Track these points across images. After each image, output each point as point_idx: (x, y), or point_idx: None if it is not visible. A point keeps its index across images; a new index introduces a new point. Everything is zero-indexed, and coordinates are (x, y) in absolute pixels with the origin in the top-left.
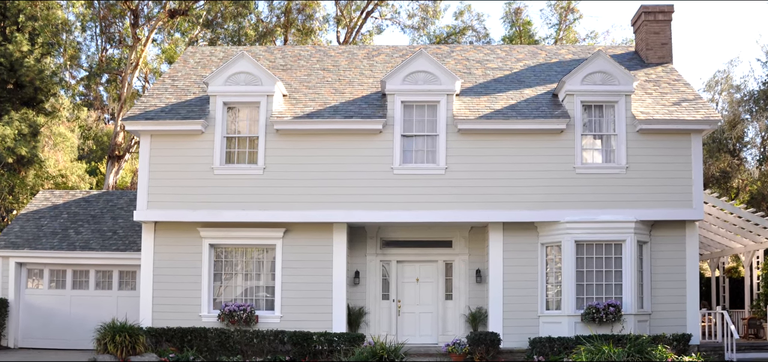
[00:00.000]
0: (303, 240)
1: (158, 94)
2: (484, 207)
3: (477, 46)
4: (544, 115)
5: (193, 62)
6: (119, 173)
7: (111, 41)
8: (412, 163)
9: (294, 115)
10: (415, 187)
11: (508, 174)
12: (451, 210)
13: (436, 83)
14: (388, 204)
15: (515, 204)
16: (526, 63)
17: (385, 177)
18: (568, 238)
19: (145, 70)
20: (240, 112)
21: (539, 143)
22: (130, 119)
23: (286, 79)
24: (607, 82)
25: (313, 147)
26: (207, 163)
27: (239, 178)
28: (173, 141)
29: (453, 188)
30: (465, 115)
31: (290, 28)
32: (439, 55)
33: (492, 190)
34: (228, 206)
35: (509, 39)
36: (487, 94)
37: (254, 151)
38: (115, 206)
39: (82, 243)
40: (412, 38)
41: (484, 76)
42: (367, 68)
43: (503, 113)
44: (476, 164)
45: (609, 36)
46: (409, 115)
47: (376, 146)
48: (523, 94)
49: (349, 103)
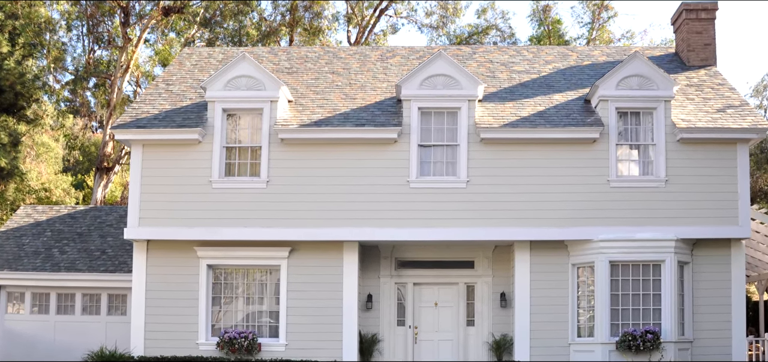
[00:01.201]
0: (310, 261)
1: (151, 99)
2: (510, 224)
3: (501, 47)
4: (575, 123)
5: (189, 65)
6: (108, 187)
7: (99, 42)
8: (431, 175)
9: (300, 123)
10: (433, 202)
11: (535, 188)
12: (473, 228)
13: (456, 88)
14: (404, 221)
15: (544, 221)
16: (555, 65)
17: (401, 191)
18: (601, 258)
19: (137, 73)
20: (241, 119)
21: (570, 154)
22: (121, 127)
23: (291, 83)
24: (644, 87)
25: (321, 158)
26: (205, 176)
27: (240, 192)
28: (168, 151)
29: (475, 203)
30: (488, 123)
31: (296, 28)
32: (460, 57)
33: (518, 206)
34: (228, 223)
35: (537, 39)
36: (512, 100)
37: (256, 163)
38: (103, 223)
39: (68, 264)
40: (430, 38)
41: (509, 79)
42: (381, 71)
43: (530, 121)
44: (501, 177)
45: (646, 36)
46: (427, 122)
47: (391, 157)
48: (553, 99)
49: (361, 110)
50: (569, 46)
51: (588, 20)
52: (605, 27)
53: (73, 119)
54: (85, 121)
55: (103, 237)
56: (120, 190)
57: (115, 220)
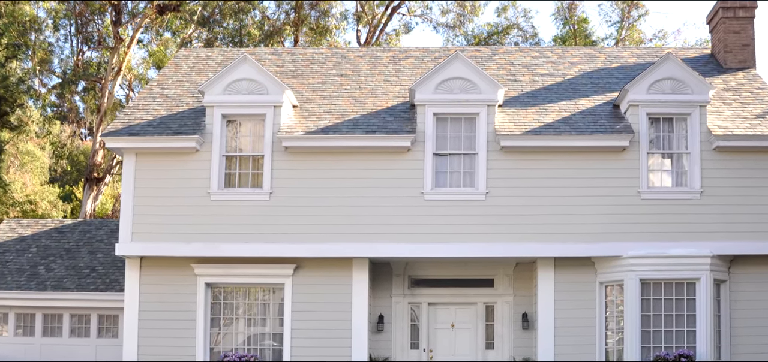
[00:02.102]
0: (317, 279)
1: (145, 104)
2: (532, 239)
3: (523, 48)
4: (603, 130)
5: (186, 67)
6: (98, 199)
7: (89, 42)
8: (447, 186)
9: (306, 130)
10: (449, 215)
11: (560, 200)
12: (492, 243)
13: (474, 92)
14: (418, 236)
15: (569, 235)
16: (581, 68)
17: (415, 203)
18: (631, 276)
19: (130, 76)
20: (242, 126)
21: (597, 163)
22: (112, 135)
23: (296, 86)
24: (677, 91)
25: (328, 168)
26: (203, 187)
27: (241, 205)
28: (163, 161)
29: (495, 216)
30: (509, 130)
31: (301, 27)
32: (479, 59)
33: (541, 219)
34: (227, 238)
35: (562, 39)
36: (535, 105)
37: (259, 173)
38: (93, 238)
39: (55, 282)
40: (446, 38)
41: (531, 83)
42: (393, 74)
43: (554, 127)
44: (523, 188)
45: (680, 36)
46: (443, 129)
47: (404, 167)
48: (578, 104)
49: (372, 116)
50: (596, 46)
51: (617, 19)
52: (635, 26)
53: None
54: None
55: (92, 253)
56: (111, 203)
57: (106, 235)
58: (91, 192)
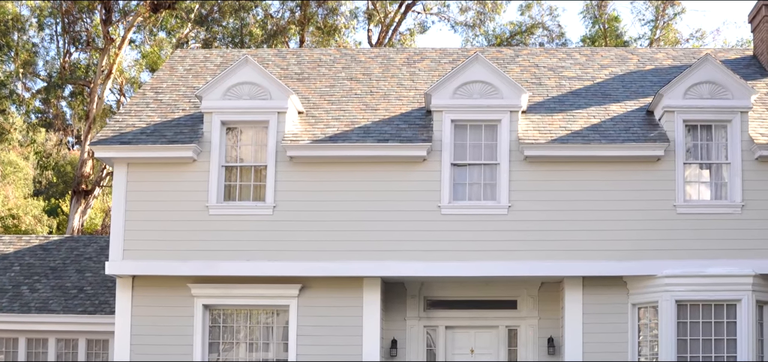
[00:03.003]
0: (324, 301)
1: (137, 110)
2: (559, 256)
3: (549, 49)
4: (635, 139)
5: (182, 69)
6: (87, 213)
7: (76, 43)
8: (466, 199)
9: (312, 139)
10: (469, 231)
11: (589, 214)
12: (515, 261)
13: (496, 97)
14: (435, 254)
15: (598, 253)
16: (612, 70)
17: (431, 218)
18: (666, 297)
19: (121, 79)
20: (243, 134)
21: (630, 174)
22: (101, 143)
23: (302, 91)
24: (717, 96)
25: (337, 179)
26: (200, 200)
27: (242, 220)
28: (157, 171)
29: (518, 232)
30: (534, 138)
31: (307, 26)
32: (501, 61)
33: (568, 235)
34: (227, 256)
35: (591, 40)
36: (562, 111)
37: (261, 185)
38: (81, 256)
39: (40, 304)
40: (465, 38)
41: (557, 87)
42: (408, 77)
43: (583, 135)
44: (548, 201)
45: (719, 36)
46: (462, 137)
47: (419, 178)
48: (609, 110)
49: (384, 123)
50: (629, 47)
51: (651, 17)
52: (671, 25)
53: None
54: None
55: (80, 272)
56: (101, 217)
57: (95, 253)
58: (79, 205)
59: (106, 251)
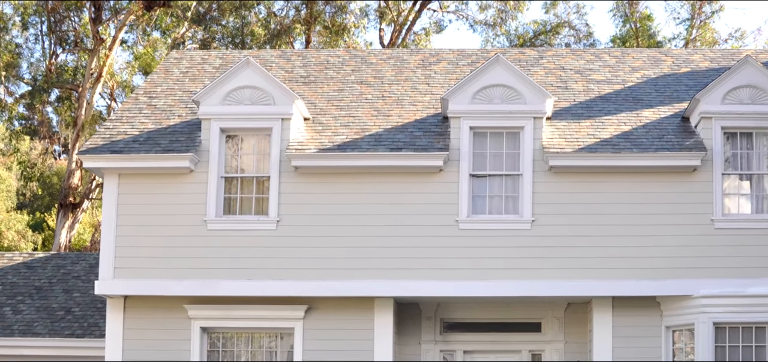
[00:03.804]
0: (332, 323)
1: (129, 116)
2: (586, 275)
3: (576, 50)
4: (669, 147)
5: (178, 72)
6: (74, 228)
7: (63, 43)
8: (486, 213)
9: (319, 147)
10: (489, 248)
11: (619, 229)
12: (539, 281)
13: (518, 102)
14: (452, 272)
15: (630, 271)
16: (644, 73)
17: (448, 233)
18: (703, 319)
19: (112, 83)
20: (244, 142)
21: (663, 186)
22: (90, 152)
23: (308, 95)
24: (758, 100)
25: (346, 191)
26: (198, 214)
27: (243, 235)
28: (150, 183)
29: (542, 249)
30: (559, 147)
31: (314, 25)
32: (524, 63)
33: (597, 252)
34: (227, 274)
35: (621, 40)
36: (590, 118)
37: (264, 197)
38: (68, 274)
39: (23, 327)
40: (485, 39)
41: (585, 91)
42: (423, 80)
43: (613, 144)
44: (575, 215)
45: (761, 36)
46: (482, 146)
47: (435, 190)
48: (641, 117)
49: (397, 130)
50: (662, 48)
51: (686, 16)
52: (708, 24)
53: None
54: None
55: (68, 292)
56: (90, 233)
57: (84, 271)
58: (66, 220)
59: (96, 269)
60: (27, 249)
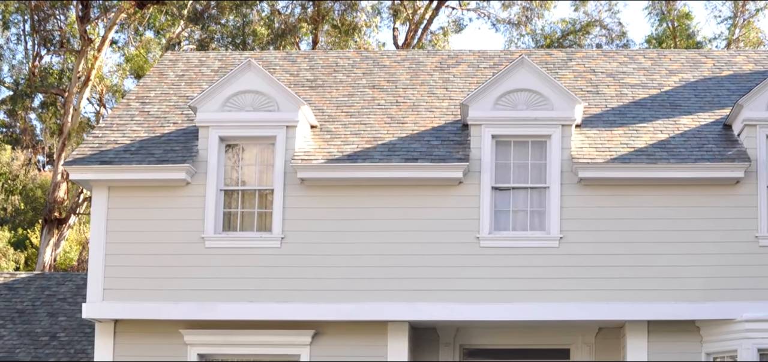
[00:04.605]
0: (342, 349)
1: (120, 124)
2: (619, 297)
3: (608, 52)
4: (710, 157)
5: (173, 76)
6: (60, 246)
7: (48, 44)
8: (509, 229)
9: (328, 157)
10: (512, 267)
11: (655, 247)
12: (568, 303)
13: (544, 108)
14: (473, 294)
15: (666, 293)
16: (682, 76)
17: (468, 251)
18: (747, 345)
19: (101, 87)
20: (245, 152)
21: (704, 200)
22: (78, 163)
23: (315, 101)
24: None
25: (356, 205)
26: (195, 231)
27: (244, 254)
28: (143, 197)
29: (571, 268)
30: (590, 157)
31: (322, 24)
32: (551, 65)
33: (631, 272)
34: (227, 296)
35: (657, 40)
36: (623, 125)
37: (267, 212)
38: (54, 296)
39: (4, 354)
40: (508, 39)
41: (618, 96)
42: (440, 84)
43: (648, 154)
44: (607, 232)
45: None
46: (505, 155)
47: (454, 204)
48: (679, 124)
49: (413, 139)
50: (702, 49)
51: (728, 14)
52: (751, 23)
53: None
54: (29, 153)
55: (52, 315)
56: (77, 251)
57: (70, 292)
58: (51, 237)
59: (83, 291)
60: (8, 269)
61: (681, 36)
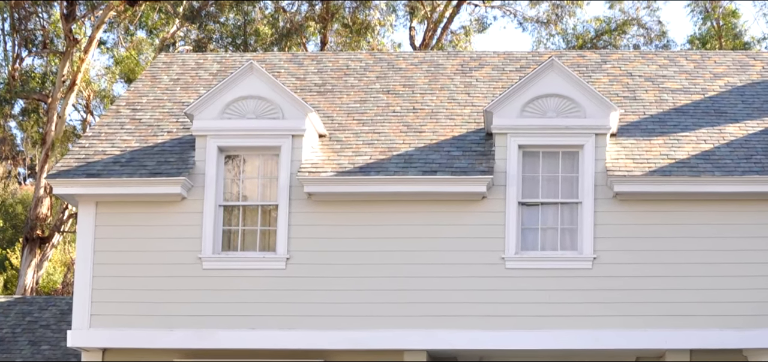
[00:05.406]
0: None
1: (109, 132)
2: (659, 323)
3: (647, 53)
4: (759, 170)
5: (167, 79)
6: (43, 267)
7: (30, 44)
8: (538, 249)
9: (337, 170)
10: (541, 291)
11: (698, 268)
12: (602, 330)
13: (576, 115)
14: (497, 320)
15: (710, 319)
16: (728, 80)
17: (492, 273)
18: None
19: (88, 92)
20: (247, 163)
21: (752, 216)
22: (62, 176)
23: (324, 107)
24: None
25: (369, 223)
26: (191, 250)
27: (245, 276)
28: (134, 213)
29: (606, 292)
30: (626, 169)
31: (331, 23)
32: (584, 68)
33: (671, 296)
34: (226, 322)
35: (701, 41)
36: (662, 134)
37: (271, 230)
38: (36, 323)
39: None
40: (536, 39)
41: (657, 102)
42: (462, 89)
43: (691, 166)
44: (645, 252)
45: None
46: (533, 168)
47: (477, 222)
48: (725, 133)
49: (431, 149)
50: (750, 51)
51: None
52: None
53: None
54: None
55: (34, 344)
56: (61, 273)
57: (54, 318)
58: (33, 257)
59: (68, 317)
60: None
61: (727, 36)
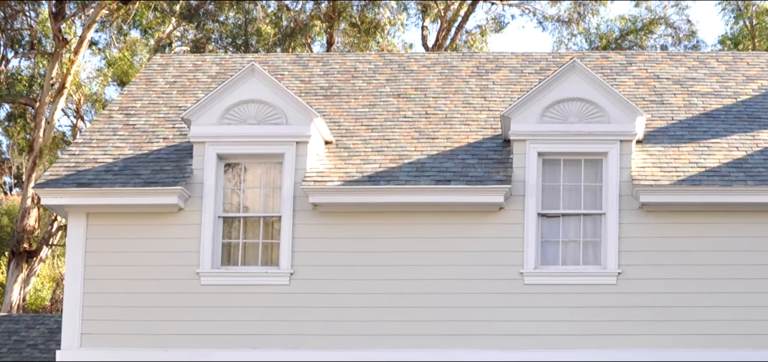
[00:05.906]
0: None
1: (101, 139)
2: (687, 342)
3: (674, 54)
4: None
5: (163, 82)
6: (30, 282)
7: (16, 45)
8: (559, 264)
9: (344, 179)
10: (563, 308)
11: (731, 284)
12: (627, 349)
13: (599, 120)
14: (515, 338)
15: (742, 338)
16: (762, 83)
17: (510, 289)
18: None
19: (78, 96)
20: (248, 172)
21: None
22: (51, 185)
23: (331, 111)
24: None
25: (378, 236)
26: (189, 264)
27: (246, 292)
28: (127, 225)
29: (631, 309)
30: (653, 178)
31: (338, 23)
32: (607, 70)
33: (702, 314)
34: (226, 342)
35: (733, 41)
36: (692, 141)
37: (274, 243)
38: (22, 342)
39: None
40: (557, 40)
41: (686, 106)
42: (477, 93)
43: (722, 174)
44: (673, 266)
45: None
46: (553, 176)
47: (495, 234)
48: (758, 139)
49: (445, 157)
50: None
51: None
52: None
53: None
54: None
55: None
56: (50, 289)
57: (42, 338)
58: (20, 272)
59: (57, 335)
60: None
61: (760, 36)
